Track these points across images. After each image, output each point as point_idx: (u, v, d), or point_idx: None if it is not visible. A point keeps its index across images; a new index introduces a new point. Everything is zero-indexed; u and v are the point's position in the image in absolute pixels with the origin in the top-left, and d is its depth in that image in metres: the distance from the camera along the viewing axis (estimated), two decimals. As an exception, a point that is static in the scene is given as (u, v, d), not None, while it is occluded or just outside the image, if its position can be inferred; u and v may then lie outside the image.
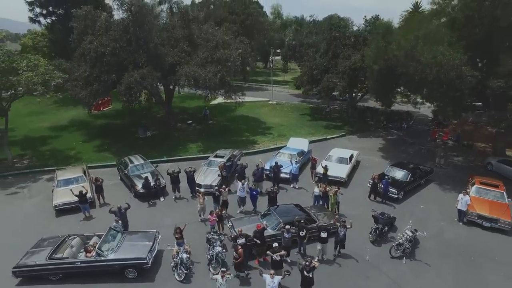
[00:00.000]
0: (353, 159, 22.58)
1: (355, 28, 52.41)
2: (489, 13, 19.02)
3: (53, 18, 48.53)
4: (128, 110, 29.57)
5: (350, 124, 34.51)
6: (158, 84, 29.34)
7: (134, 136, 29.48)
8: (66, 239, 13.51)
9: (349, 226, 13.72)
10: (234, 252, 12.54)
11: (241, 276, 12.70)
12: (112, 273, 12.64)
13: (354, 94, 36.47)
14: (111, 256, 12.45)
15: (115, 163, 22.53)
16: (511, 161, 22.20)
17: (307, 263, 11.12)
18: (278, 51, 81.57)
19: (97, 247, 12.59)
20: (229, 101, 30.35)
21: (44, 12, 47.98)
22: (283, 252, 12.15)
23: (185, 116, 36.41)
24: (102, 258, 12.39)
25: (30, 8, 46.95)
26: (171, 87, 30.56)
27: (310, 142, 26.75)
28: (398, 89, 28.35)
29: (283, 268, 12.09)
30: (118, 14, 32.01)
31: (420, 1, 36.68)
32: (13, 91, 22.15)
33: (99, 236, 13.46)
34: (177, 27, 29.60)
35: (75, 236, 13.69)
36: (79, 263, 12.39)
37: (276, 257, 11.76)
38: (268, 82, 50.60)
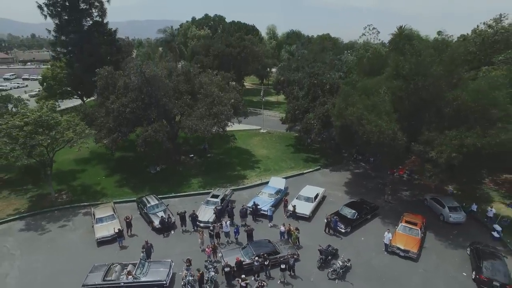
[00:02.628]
0: (319, 197, 29.37)
1: (345, 53, 58.48)
2: (414, 94, 25.78)
3: (71, 55, 55.37)
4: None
5: (326, 156, 41.16)
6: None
7: (146, 171, 36.16)
8: (111, 266, 20.21)
9: (296, 257, 20.51)
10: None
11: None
12: (143, 290, 19.39)
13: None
14: (143, 279, 19.20)
15: (134, 198, 29.32)
16: (439, 200, 28.80)
17: (260, 284, 17.94)
18: (274, 69, 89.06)
19: (134, 272, 19.32)
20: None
21: (65, 50, 54.97)
22: (247, 280, 18.77)
23: (187, 147, 43.13)
24: (137, 280, 19.12)
25: (53, 49, 53.83)
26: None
27: (289, 177, 33.64)
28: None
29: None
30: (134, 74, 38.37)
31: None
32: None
33: (133, 264, 20.15)
34: (181, 82, 36.35)
35: (117, 264, 20.38)
36: (123, 283, 19.10)
37: (243, 284, 18.45)
38: (262, 103, 57.40)
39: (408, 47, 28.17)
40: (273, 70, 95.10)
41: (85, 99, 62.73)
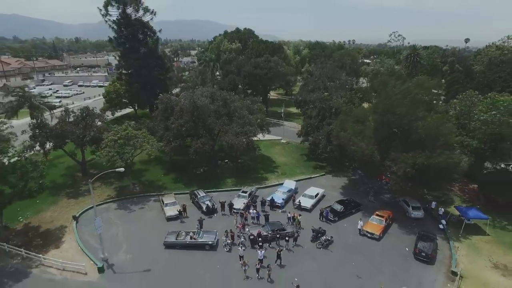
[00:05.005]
0: (319, 196, 40.59)
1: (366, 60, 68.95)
2: (386, 125, 36.49)
3: (130, 71, 69.18)
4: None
5: (331, 165, 51.96)
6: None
7: (193, 171, 48.46)
8: (179, 232, 32.43)
9: (297, 234, 31.94)
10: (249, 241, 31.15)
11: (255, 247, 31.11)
12: (199, 246, 31.39)
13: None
14: (199, 240, 31.30)
15: (188, 191, 41.70)
16: (407, 201, 39.09)
17: (280, 249, 29.55)
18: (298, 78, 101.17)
19: (194, 236, 31.44)
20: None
21: (126, 72, 69.16)
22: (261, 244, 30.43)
23: (223, 154, 55.22)
24: (196, 241, 31.22)
25: (118, 71, 67.96)
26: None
27: (299, 180, 45.03)
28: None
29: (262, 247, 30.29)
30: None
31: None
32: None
33: (193, 232, 32.26)
34: (220, 106, 48.38)
35: (183, 231, 32.58)
36: (187, 241, 31.26)
37: (261, 241, 30.13)
38: (286, 114, 69.18)
39: (383, 91, 38.72)
40: (298, 78, 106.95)
41: (137, 109, 76.97)
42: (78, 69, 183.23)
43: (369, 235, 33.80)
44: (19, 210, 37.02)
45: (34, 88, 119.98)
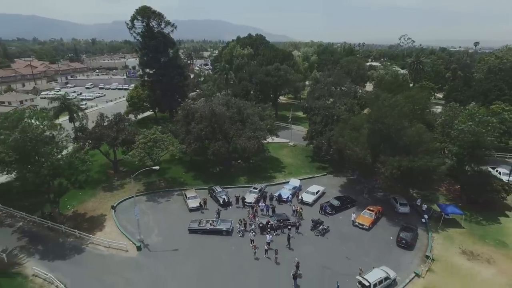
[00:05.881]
0: (319, 192, 46.91)
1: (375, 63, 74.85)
2: (377, 132, 42.59)
3: (153, 83, 76.50)
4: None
5: (333, 166, 58.09)
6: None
7: (210, 170, 55.20)
8: (201, 220, 39.19)
9: (298, 223, 38.39)
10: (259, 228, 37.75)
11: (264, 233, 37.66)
12: (217, 232, 38.05)
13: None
14: (218, 227, 38.03)
15: (206, 187, 48.48)
16: (396, 198, 45.09)
17: (289, 235, 36.06)
18: (307, 83, 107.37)
19: (213, 224, 38.15)
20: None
21: (148, 79, 76.53)
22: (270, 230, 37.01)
23: (236, 155, 61.85)
24: (215, 227, 37.94)
25: (143, 78, 75.46)
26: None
27: (303, 179, 51.39)
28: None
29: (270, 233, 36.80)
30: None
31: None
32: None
33: (212, 220, 38.96)
34: (235, 113, 55.02)
35: (204, 219, 39.32)
36: (208, 227, 38.00)
37: (269, 229, 36.69)
38: (294, 117, 75.51)
39: (376, 103, 44.76)
40: (306, 83, 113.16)
41: (157, 112, 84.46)
42: (97, 71, 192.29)
43: (360, 226, 39.98)
44: (66, 200, 44.22)
45: (59, 90, 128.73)
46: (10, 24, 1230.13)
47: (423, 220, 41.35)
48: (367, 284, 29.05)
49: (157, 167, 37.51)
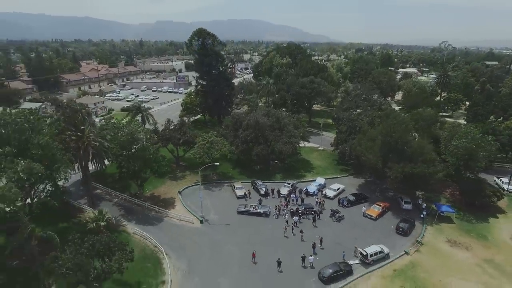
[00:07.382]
0: (340, 189, 58.56)
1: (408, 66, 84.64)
2: (387, 143, 53.43)
3: (205, 89, 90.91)
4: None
5: (354, 169, 68.99)
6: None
7: (252, 168, 68.20)
8: (246, 204, 52.29)
9: (320, 212, 50.49)
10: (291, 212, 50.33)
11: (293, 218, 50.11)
12: (259, 214, 50.92)
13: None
14: (259, 210, 50.96)
15: (250, 181, 61.57)
16: (402, 197, 55.58)
17: (314, 218, 48.40)
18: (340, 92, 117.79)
19: (256, 208, 51.08)
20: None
21: (202, 89, 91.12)
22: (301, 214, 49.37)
23: (274, 156, 74.38)
24: (256, 211, 50.89)
25: (197, 88, 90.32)
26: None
27: (328, 178, 63.17)
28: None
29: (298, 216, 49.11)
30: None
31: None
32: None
33: (255, 205, 51.87)
34: (274, 122, 67.62)
35: (248, 204, 52.36)
36: (251, 210, 51.05)
37: (298, 213, 49.08)
38: (325, 124, 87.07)
39: (387, 120, 55.41)
40: (339, 93, 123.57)
41: (206, 116, 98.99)
42: (148, 73, 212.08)
43: (369, 216, 51.23)
44: (144, 185, 59.03)
45: (119, 93, 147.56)
46: (68, 25, 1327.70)
47: (422, 216, 51.75)
48: (365, 253, 40.60)
49: (217, 163, 50.94)
